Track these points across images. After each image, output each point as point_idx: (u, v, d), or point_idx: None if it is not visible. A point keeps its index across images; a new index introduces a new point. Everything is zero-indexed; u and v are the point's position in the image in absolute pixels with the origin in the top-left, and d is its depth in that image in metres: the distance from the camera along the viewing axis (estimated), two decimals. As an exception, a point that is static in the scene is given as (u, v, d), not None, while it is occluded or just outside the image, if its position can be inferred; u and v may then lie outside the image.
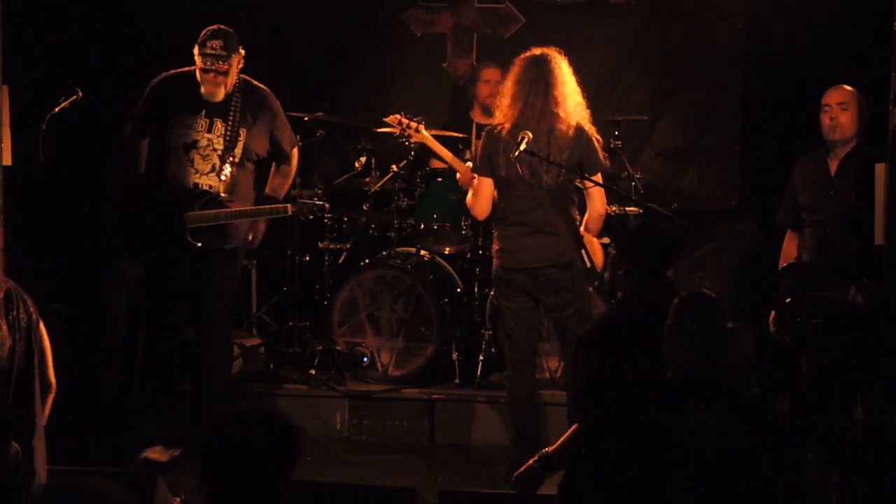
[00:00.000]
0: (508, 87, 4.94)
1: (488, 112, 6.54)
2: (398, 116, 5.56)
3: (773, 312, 5.12)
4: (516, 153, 4.72)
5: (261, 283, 6.93)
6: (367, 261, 6.25)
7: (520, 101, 4.83)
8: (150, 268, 5.22)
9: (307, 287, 6.49)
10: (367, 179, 6.44)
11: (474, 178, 5.05)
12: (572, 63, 5.00)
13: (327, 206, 5.10)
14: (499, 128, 4.90)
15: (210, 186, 5.05)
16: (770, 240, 5.57)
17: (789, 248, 5.24)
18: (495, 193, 5.01)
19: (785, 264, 5.19)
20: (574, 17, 7.11)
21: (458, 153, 6.51)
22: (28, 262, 5.45)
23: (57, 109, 4.64)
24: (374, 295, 6.10)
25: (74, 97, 4.65)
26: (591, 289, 5.13)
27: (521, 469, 3.82)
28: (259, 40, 6.95)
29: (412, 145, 6.08)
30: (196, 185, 5.04)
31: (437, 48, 7.28)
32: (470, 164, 5.22)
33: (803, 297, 5.00)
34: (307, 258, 6.45)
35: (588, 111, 5.01)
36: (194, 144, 5.04)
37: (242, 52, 5.14)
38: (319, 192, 6.34)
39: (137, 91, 5.33)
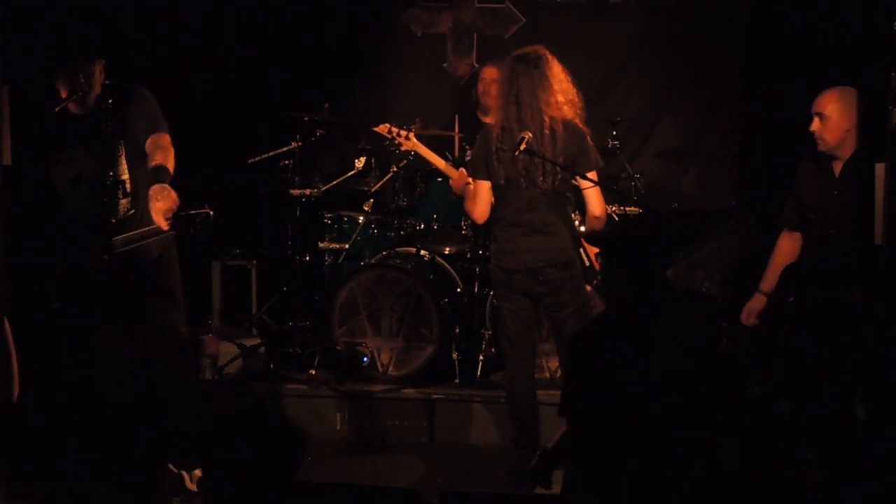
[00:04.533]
0: (498, 87, 4.93)
1: (486, 111, 6.56)
2: (387, 126, 5.56)
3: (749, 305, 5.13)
4: (517, 153, 4.71)
5: (261, 283, 6.94)
6: (367, 261, 6.25)
7: (510, 100, 4.80)
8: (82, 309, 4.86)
9: (307, 287, 6.49)
10: (368, 179, 6.45)
11: (469, 183, 5.01)
12: (572, 63, 4.99)
13: (212, 213, 4.81)
14: (493, 129, 4.87)
15: (100, 215, 4.71)
16: (770, 240, 5.57)
17: (787, 247, 5.20)
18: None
19: (786, 263, 5.17)
20: (574, 17, 7.13)
21: (461, 153, 6.51)
22: (28, 261, 5.46)
23: (57, 109, 4.62)
24: (374, 295, 6.09)
25: (75, 97, 4.63)
26: (589, 288, 5.13)
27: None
28: (259, 40, 6.99)
29: (403, 153, 6.08)
30: (90, 215, 4.72)
31: (437, 48, 7.29)
32: (463, 168, 5.18)
33: (806, 297, 5.01)
34: (307, 258, 6.45)
35: (583, 109, 4.96)
36: (80, 176, 4.71)
37: (102, 61, 4.70)
38: (319, 191, 6.35)
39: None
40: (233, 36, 6.96)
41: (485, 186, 4.89)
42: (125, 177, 4.72)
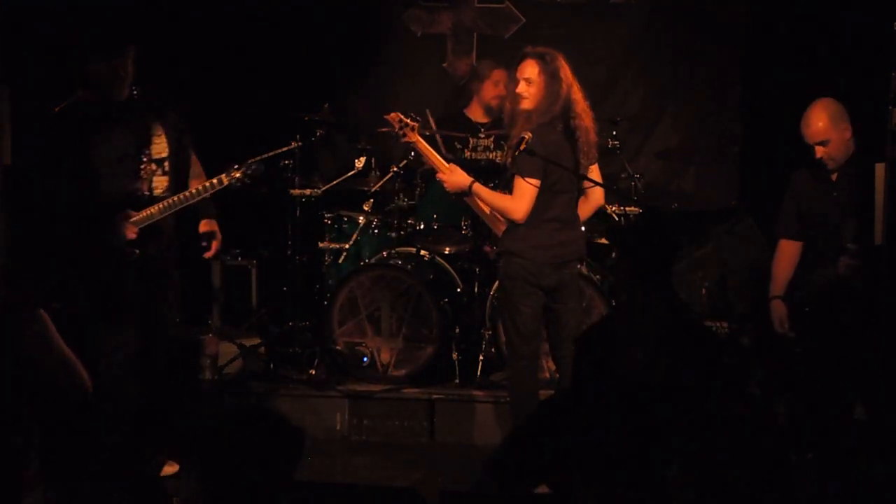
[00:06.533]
0: (545, 85, 4.77)
1: (491, 112, 6.54)
2: (399, 115, 5.52)
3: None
4: (516, 153, 4.71)
5: (261, 283, 6.94)
6: (367, 261, 6.25)
7: (557, 98, 4.76)
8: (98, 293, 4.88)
9: (307, 287, 6.49)
10: (368, 179, 6.44)
11: (471, 182, 4.92)
12: (572, 63, 4.98)
13: (263, 167, 4.92)
14: (555, 129, 4.78)
15: (141, 191, 4.85)
16: (770, 239, 5.58)
17: (790, 255, 5.17)
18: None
19: (791, 270, 5.16)
20: (574, 17, 7.13)
21: (458, 151, 6.51)
22: (28, 260, 5.47)
23: (57, 110, 4.63)
24: (374, 295, 6.09)
25: (75, 98, 4.64)
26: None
27: None
28: (258, 41, 6.99)
29: (404, 151, 6.05)
30: (130, 192, 4.84)
31: (437, 48, 7.30)
32: (454, 164, 5.09)
33: (797, 288, 5.04)
34: (307, 258, 6.45)
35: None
36: (125, 154, 4.84)
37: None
38: (319, 191, 6.35)
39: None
40: (232, 36, 6.96)
41: (537, 186, 4.77)
42: (164, 155, 4.88)
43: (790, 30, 6.68)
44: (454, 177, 4.96)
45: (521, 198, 4.77)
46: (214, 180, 4.87)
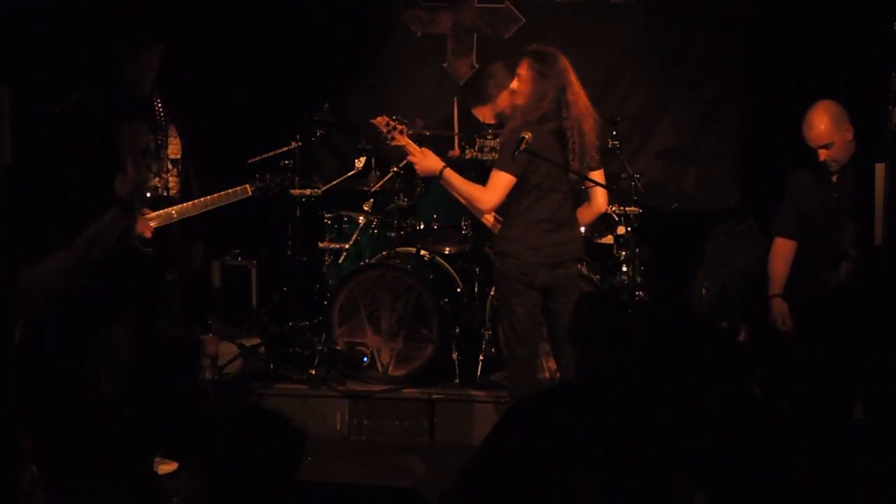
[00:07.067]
0: (532, 82, 4.78)
1: (501, 116, 6.52)
2: (386, 118, 5.52)
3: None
4: (516, 153, 4.70)
5: (261, 283, 6.94)
6: (367, 261, 6.25)
7: (555, 96, 4.74)
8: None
9: (307, 287, 6.49)
10: (368, 179, 6.45)
11: (443, 167, 4.85)
12: (572, 63, 4.97)
13: (287, 183, 4.96)
14: (543, 127, 4.75)
15: (158, 189, 4.88)
16: (770, 239, 5.58)
17: (786, 253, 5.19)
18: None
19: (788, 268, 5.17)
20: (574, 17, 7.13)
21: (461, 151, 6.51)
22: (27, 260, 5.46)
23: (57, 110, 4.63)
24: (374, 295, 6.10)
25: (76, 98, 4.64)
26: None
27: None
28: (258, 40, 6.99)
29: (404, 152, 6.03)
30: (147, 190, 4.84)
31: (437, 48, 7.30)
32: (426, 149, 5.05)
33: (797, 288, 5.04)
34: (307, 258, 6.45)
35: None
36: (147, 149, 4.85)
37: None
38: (319, 191, 6.35)
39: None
40: (232, 36, 6.96)
41: (511, 182, 4.74)
42: (178, 157, 4.90)
43: (790, 30, 6.69)
44: (426, 161, 4.90)
45: (494, 189, 4.77)
46: (238, 189, 4.91)
